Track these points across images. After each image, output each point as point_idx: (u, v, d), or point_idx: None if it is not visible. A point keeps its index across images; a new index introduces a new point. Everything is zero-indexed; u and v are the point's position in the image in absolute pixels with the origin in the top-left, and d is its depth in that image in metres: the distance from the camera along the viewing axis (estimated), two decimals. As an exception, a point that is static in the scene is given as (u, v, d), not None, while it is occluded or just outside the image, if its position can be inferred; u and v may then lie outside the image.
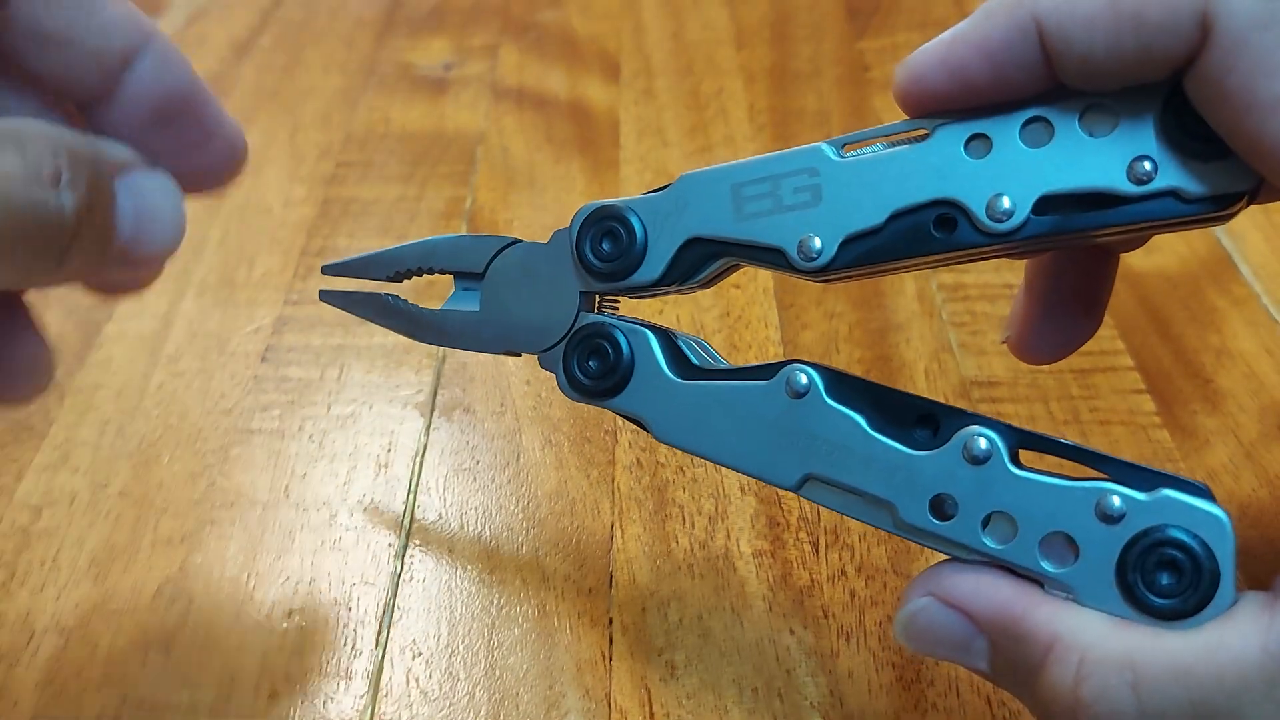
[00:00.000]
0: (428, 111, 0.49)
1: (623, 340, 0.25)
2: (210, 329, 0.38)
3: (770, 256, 0.24)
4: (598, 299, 0.26)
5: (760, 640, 0.28)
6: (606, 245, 0.25)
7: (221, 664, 0.28)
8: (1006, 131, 0.22)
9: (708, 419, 0.24)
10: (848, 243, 0.23)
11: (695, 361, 0.25)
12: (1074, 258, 0.27)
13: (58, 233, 0.22)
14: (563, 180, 0.44)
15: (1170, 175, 0.21)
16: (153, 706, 0.27)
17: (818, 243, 0.23)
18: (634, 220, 0.25)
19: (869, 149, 0.23)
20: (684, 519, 0.31)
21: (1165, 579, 0.20)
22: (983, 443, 0.22)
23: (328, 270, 0.29)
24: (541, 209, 0.43)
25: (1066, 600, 0.21)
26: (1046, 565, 0.21)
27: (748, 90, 0.49)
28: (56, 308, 0.38)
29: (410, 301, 0.28)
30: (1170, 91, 0.21)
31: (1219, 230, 0.40)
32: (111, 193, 0.23)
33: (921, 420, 0.23)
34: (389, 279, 0.28)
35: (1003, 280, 0.38)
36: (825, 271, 0.23)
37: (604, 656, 0.27)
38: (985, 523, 0.22)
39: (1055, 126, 0.21)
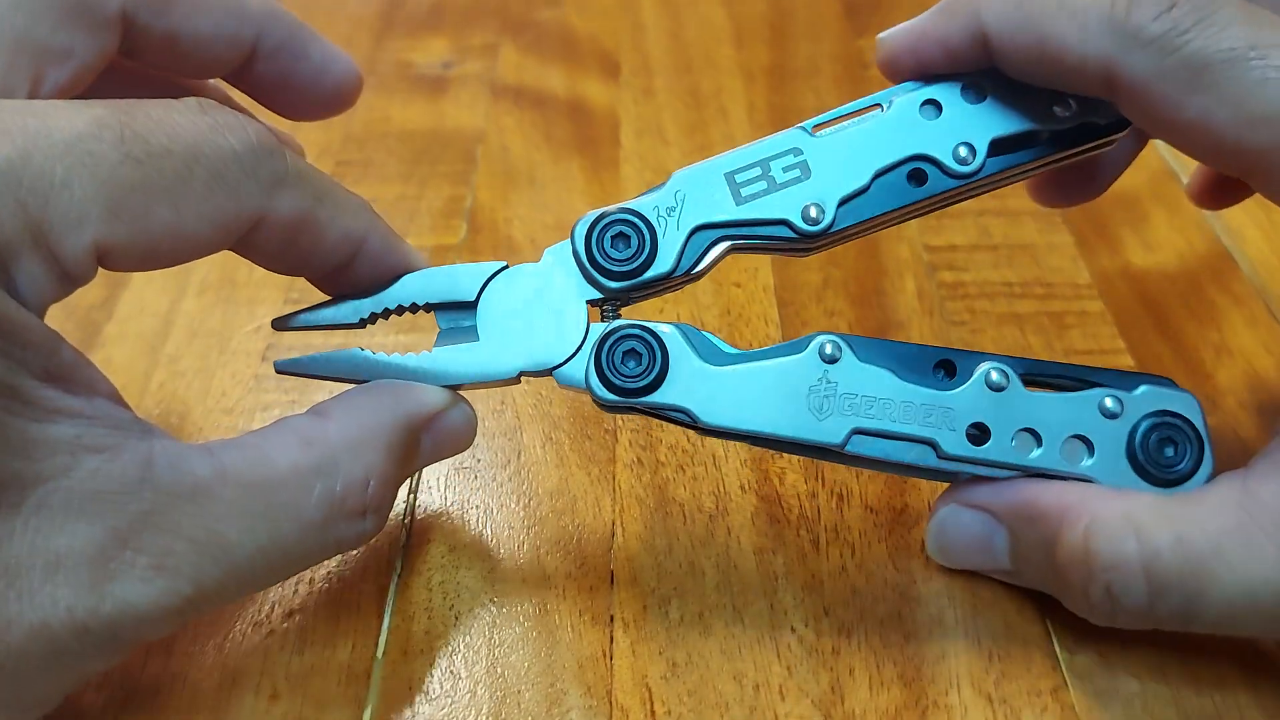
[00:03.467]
0: (427, 110, 0.49)
1: (651, 339, 0.26)
2: (211, 328, 0.38)
3: (773, 229, 0.27)
4: (602, 310, 0.27)
5: (761, 638, 0.28)
6: (620, 245, 0.27)
7: (221, 664, 0.28)
8: (951, 95, 0.27)
9: (749, 398, 0.26)
10: (842, 204, 0.27)
11: (723, 349, 0.27)
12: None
13: (348, 545, 0.26)
14: (562, 179, 0.44)
15: (1083, 111, 0.27)
16: (152, 707, 0.27)
17: (818, 210, 0.27)
18: (638, 220, 0.27)
19: (835, 127, 0.27)
20: (685, 516, 0.31)
21: (1169, 451, 0.26)
22: (996, 374, 0.26)
23: (279, 325, 0.27)
24: (541, 207, 0.43)
25: (1071, 481, 0.25)
26: (1071, 465, 0.26)
27: (747, 89, 0.49)
28: (56, 308, 0.38)
29: (388, 353, 0.27)
30: None
31: (1219, 227, 0.40)
32: (412, 462, 0.27)
33: (939, 366, 0.27)
34: (357, 326, 0.27)
35: (1002, 279, 0.38)
36: (826, 235, 0.27)
37: (605, 654, 0.27)
38: (1014, 440, 0.26)
39: (987, 87, 0.27)
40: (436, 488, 0.32)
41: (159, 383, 0.36)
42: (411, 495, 0.32)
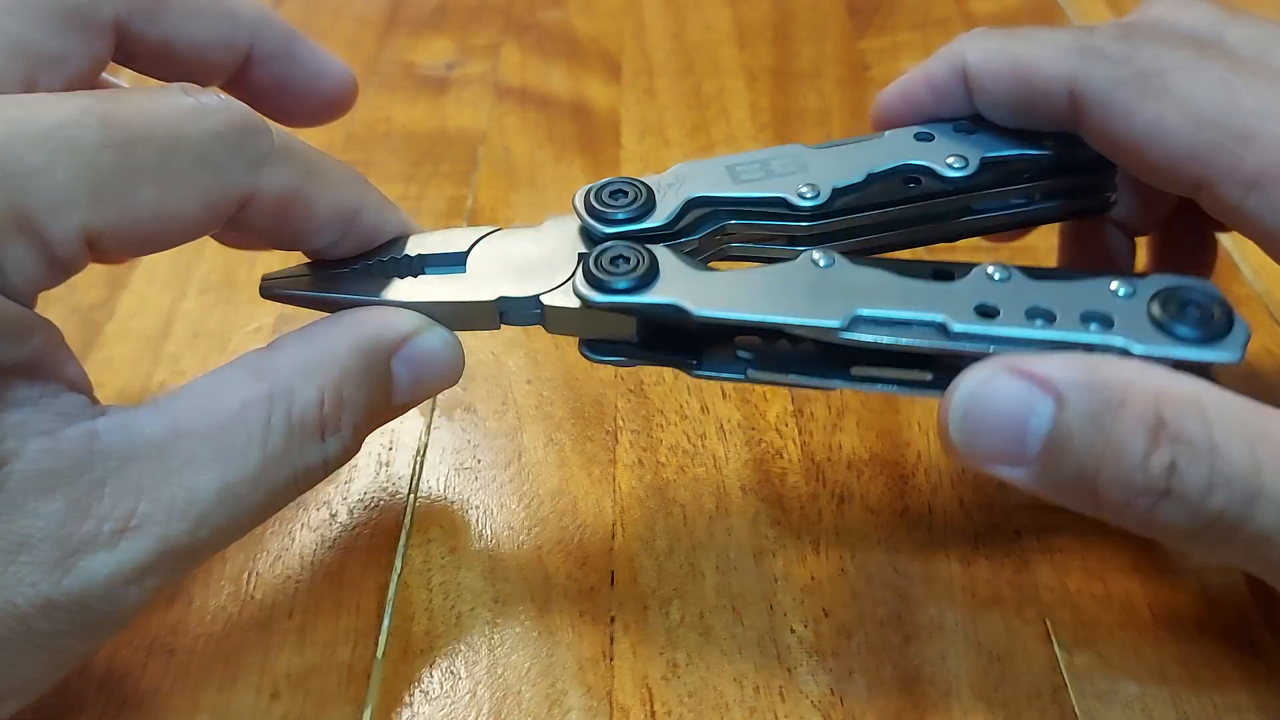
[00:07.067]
0: (429, 111, 0.49)
1: (640, 248, 0.26)
2: (211, 328, 0.38)
3: (768, 207, 0.27)
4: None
5: (761, 639, 0.28)
6: (619, 198, 0.27)
7: (221, 664, 0.28)
8: (942, 129, 0.29)
9: (742, 291, 0.25)
10: (836, 194, 0.27)
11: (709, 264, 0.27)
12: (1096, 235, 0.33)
13: (316, 475, 0.25)
14: (564, 179, 0.44)
15: (1063, 144, 0.28)
16: (153, 706, 0.27)
17: (812, 190, 0.27)
18: (638, 184, 0.27)
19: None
20: (685, 518, 0.31)
21: (1194, 311, 0.23)
22: (995, 270, 0.25)
23: (268, 279, 0.28)
24: (543, 208, 0.43)
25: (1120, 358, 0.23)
26: (1094, 337, 0.23)
27: (749, 90, 0.49)
28: (57, 306, 0.38)
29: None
30: None
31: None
32: (386, 392, 0.26)
33: (937, 274, 0.25)
34: (343, 269, 0.27)
35: (1004, 279, 0.38)
36: (819, 212, 0.27)
37: (605, 655, 0.27)
38: (1027, 316, 0.24)
39: (975, 128, 0.28)
40: (437, 488, 0.32)
41: (159, 382, 0.36)
42: (412, 495, 0.32)
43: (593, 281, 0.26)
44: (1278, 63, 0.25)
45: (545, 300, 0.26)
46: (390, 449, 0.33)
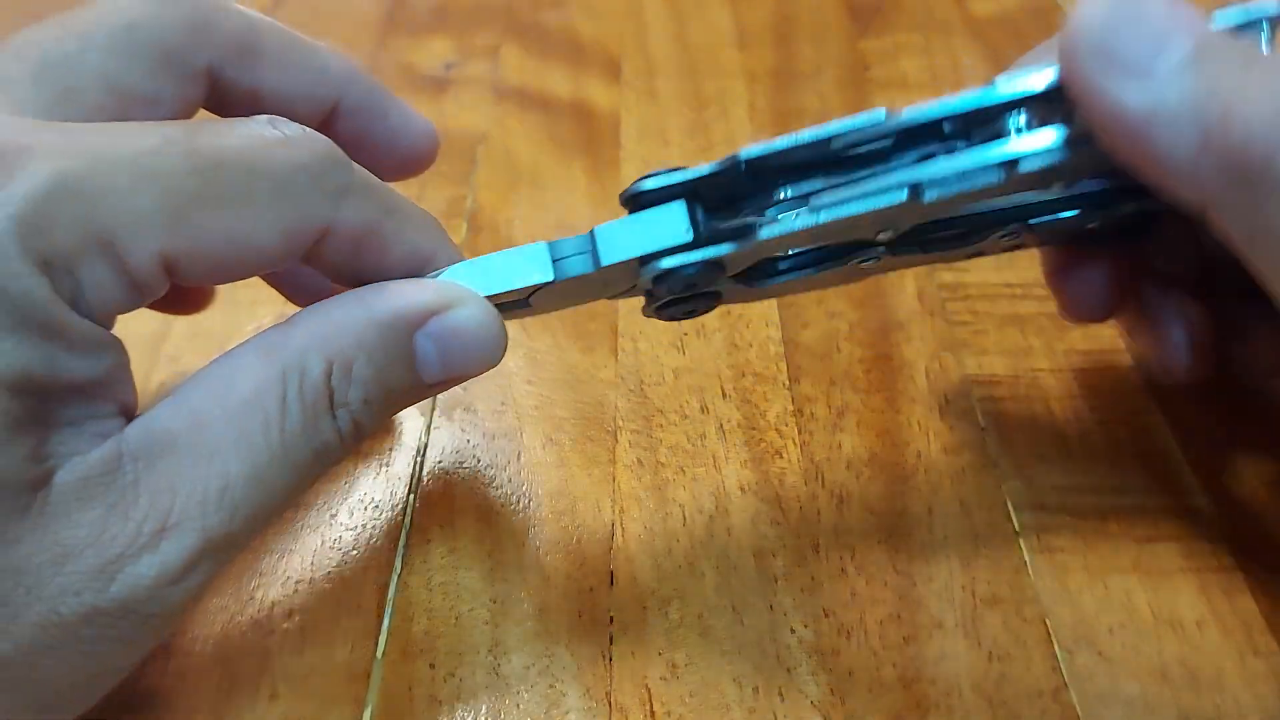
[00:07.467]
0: (429, 111, 0.48)
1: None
2: (211, 328, 0.38)
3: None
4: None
5: (761, 639, 0.28)
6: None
7: (222, 664, 0.28)
8: None
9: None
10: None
11: None
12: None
13: (335, 452, 0.25)
14: (564, 180, 0.44)
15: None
16: (154, 707, 0.27)
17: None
18: None
19: None
20: (684, 518, 0.31)
21: None
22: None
23: None
24: (543, 208, 0.43)
25: None
26: None
27: (749, 90, 0.49)
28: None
29: None
30: None
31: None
32: (408, 369, 0.25)
33: None
34: None
35: (1003, 279, 0.38)
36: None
37: (604, 655, 0.27)
38: None
39: None
40: (437, 488, 0.32)
41: (159, 383, 0.36)
42: (411, 495, 0.32)
43: (639, 180, 0.26)
44: None
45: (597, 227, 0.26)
46: (390, 449, 0.33)
